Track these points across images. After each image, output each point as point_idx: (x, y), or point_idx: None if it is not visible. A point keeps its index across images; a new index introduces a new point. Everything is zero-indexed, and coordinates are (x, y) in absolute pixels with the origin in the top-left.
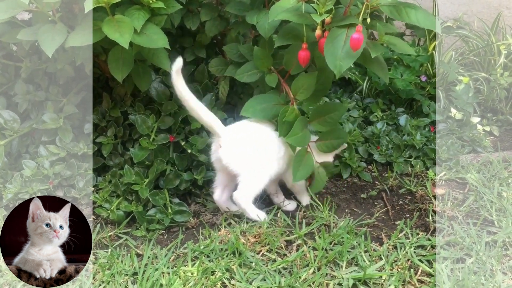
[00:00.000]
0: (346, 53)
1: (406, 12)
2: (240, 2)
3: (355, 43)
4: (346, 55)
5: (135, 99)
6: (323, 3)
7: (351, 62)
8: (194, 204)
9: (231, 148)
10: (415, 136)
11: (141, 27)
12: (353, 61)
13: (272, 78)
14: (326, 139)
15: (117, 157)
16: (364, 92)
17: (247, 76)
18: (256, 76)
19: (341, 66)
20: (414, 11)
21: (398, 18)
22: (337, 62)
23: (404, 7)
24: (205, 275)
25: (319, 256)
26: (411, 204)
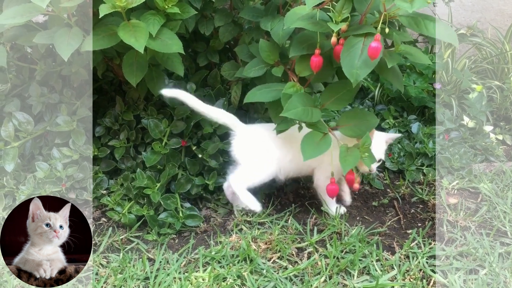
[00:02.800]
0: (363, 62)
1: (425, 24)
2: (254, 8)
3: (374, 52)
4: (363, 64)
5: (148, 103)
6: (339, 11)
7: (368, 71)
8: (205, 209)
9: (241, 141)
10: (427, 144)
11: (156, 32)
12: (370, 70)
13: (278, 69)
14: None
15: (129, 160)
16: (376, 98)
17: (254, 71)
18: (263, 70)
19: (358, 75)
20: (433, 23)
21: (416, 30)
22: (353, 70)
23: (423, 19)
24: (217, 282)
25: (331, 265)
26: (423, 213)
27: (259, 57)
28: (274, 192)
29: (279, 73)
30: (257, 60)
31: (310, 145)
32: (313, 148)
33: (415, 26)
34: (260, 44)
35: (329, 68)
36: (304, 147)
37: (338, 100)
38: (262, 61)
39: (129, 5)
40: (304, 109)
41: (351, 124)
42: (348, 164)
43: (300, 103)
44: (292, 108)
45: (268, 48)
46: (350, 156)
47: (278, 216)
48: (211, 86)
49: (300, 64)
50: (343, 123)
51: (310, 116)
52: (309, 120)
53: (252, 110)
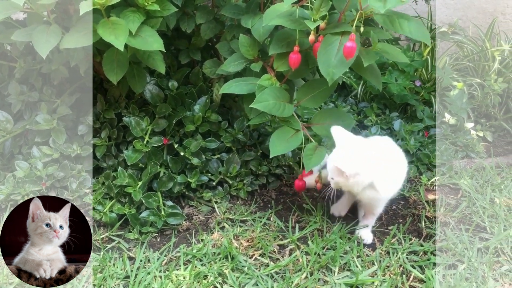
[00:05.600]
0: (339, 60)
1: (399, 23)
2: (236, 5)
3: (348, 52)
4: (339, 63)
5: (129, 101)
6: (317, 9)
7: (344, 70)
8: (187, 207)
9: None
10: (409, 141)
11: (136, 30)
12: (345, 69)
13: (257, 65)
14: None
15: (110, 159)
16: (359, 96)
17: (233, 65)
18: (242, 65)
19: (334, 74)
20: (407, 22)
21: (391, 28)
22: (330, 69)
23: (397, 17)
24: (198, 279)
25: (312, 261)
26: (404, 209)
27: (239, 53)
28: (256, 189)
29: (258, 68)
30: (237, 55)
31: (280, 141)
32: (283, 145)
33: (390, 25)
34: (240, 39)
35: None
36: (273, 143)
37: (314, 98)
38: (242, 57)
39: (108, 2)
40: (275, 103)
41: (325, 123)
42: (311, 163)
43: (271, 97)
44: (263, 101)
45: (247, 43)
46: (315, 156)
47: (260, 214)
48: (193, 84)
49: (278, 59)
50: (317, 121)
51: (281, 111)
52: (280, 115)
53: (235, 108)
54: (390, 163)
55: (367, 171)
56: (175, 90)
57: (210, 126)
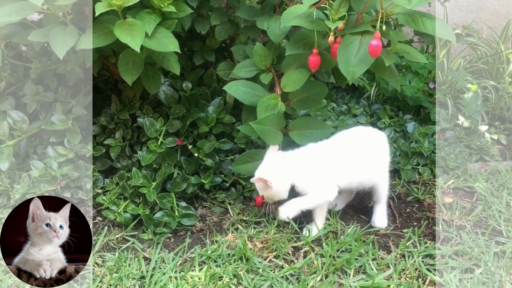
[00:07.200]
0: (359, 59)
1: (422, 22)
2: (251, 7)
3: (374, 50)
4: (360, 62)
5: (143, 102)
6: (336, 9)
7: (365, 69)
8: (201, 208)
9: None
10: (423, 143)
11: (152, 31)
12: (366, 68)
13: (267, 76)
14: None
15: (124, 159)
16: (371, 98)
17: (244, 71)
18: (252, 73)
19: (354, 73)
20: (430, 20)
21: (413, 27)
22: (350, 68)
23: (420, 16)
24: (213, 280)
25: (327, 264)
26: (418, 212)
27: (252, 59)
28: None
29: (267, 81)
30: (249, 62)
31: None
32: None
33: (412, 24)
34: (255, 47)
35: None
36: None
37: (307, 100)
38: (254, 64)
39: (125, 3)
40: (271, 130)
41: (302, 130)
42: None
43: (271, 123)
44: (263, 125)
45: (262, 52)
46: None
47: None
48: (207, 85)
49: (287, 78)
50: (294, 128)
51: (272, 138)
52: (270, 142)
53: None
54: (326, 161)
55: (284, 175)
56: (189, 91)
57: (223, 128)
